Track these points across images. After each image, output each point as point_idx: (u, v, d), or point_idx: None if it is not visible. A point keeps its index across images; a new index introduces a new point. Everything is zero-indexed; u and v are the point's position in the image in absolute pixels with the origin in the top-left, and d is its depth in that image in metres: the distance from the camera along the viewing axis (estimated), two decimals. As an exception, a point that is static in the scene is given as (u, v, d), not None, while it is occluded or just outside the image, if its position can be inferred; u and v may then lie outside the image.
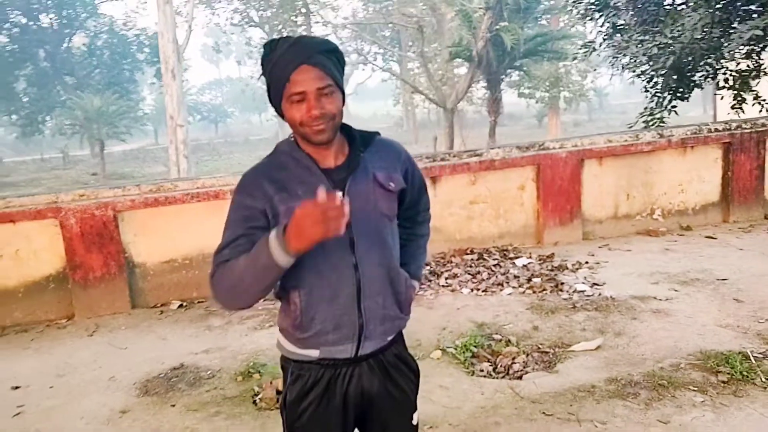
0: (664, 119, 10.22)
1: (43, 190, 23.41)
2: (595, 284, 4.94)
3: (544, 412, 3.12)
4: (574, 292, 4.80)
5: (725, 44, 7.70)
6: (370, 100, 69.81)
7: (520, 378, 3.56)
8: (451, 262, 5.68)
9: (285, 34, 29.64)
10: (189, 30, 22.37)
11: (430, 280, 5.30)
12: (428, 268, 5.56)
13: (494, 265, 5.52)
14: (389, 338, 1.80)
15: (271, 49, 1.65)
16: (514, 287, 5.00)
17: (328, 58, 1.64)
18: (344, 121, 1.74)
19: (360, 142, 1.75)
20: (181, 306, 5.32)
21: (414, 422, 1.87)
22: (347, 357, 1.73)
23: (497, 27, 16.76)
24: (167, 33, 17.35)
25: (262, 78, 1.72)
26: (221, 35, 38.58)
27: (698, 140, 6.38)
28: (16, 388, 4.00)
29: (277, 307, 1.88)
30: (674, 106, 10.17)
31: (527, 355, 3.81)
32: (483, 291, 4.98)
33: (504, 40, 16.81)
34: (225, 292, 1.63)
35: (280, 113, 1.67)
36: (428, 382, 3.57)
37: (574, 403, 3.18)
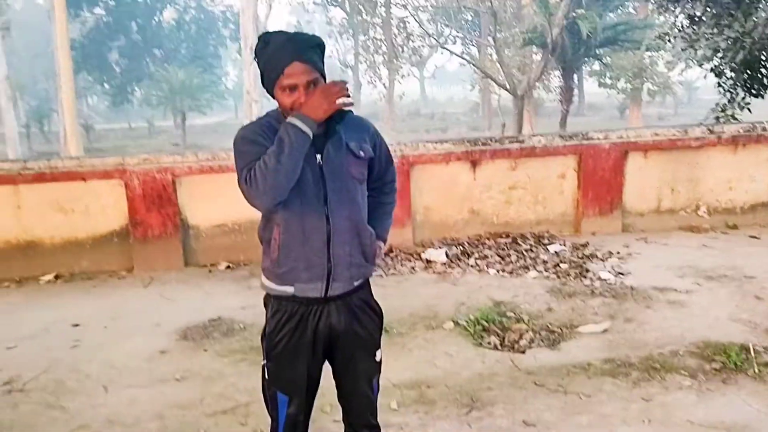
0: (736, 116, 9.91)
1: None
2: (620, 273, 5.02)
3: (535, 383, 3.32)
4: (597, 279, 4.90)
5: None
6: (449, 84, 69.39)
7: (523, 352, 3.75)
8: (485, 244, 5.87)
9: (365, 15, 29.94)
10: (269, 8, 23.05)
11: (460, 260, 5.52)
12: (460, 248, 5.77)
13: (526, 250, 5.67)
14: (356, 283, 2.08)
15: (266, 42, 1.94)
16: (539, 271, 5.15)
17: (315, 52, 1.93)
18: (423, 104, 2.03)
19: (335, 117, 2.00)
20: (228, 267, 5.76)
21: (377, 359, 2.16)
22: (318, 296, 2.02)
23: (574, 14, 16.47)
24: (248, 10, 18.01)
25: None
26: (304, 14, 39.42)
27: (751, 138, 6.26)
28: (76, 325, 4.51)
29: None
30: (747, 103, 9.83)
31: (535, 332, 3.98)
32: (509, 273, 5.16)
33: (580, 27, 16.52)
34: (260, 182, 1.84)
35: (272, 95, 1.97)
36: (435, 349, 3.83)
37: (566, 378, 3.36)
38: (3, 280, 5.53)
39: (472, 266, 5.35)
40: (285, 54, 1.89)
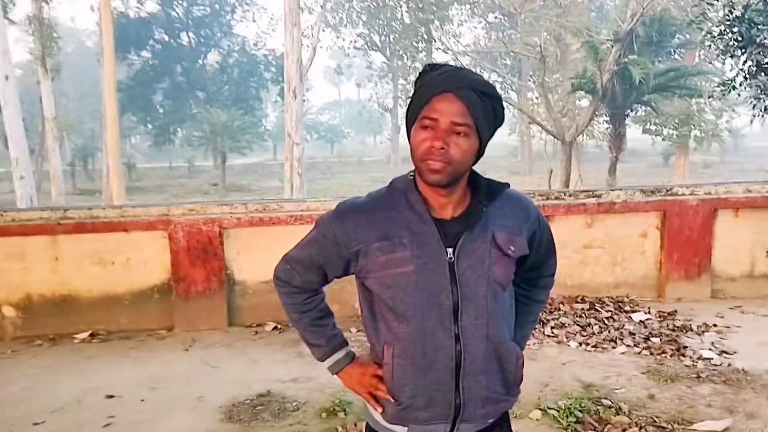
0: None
1: (167, 196, 24.93)
2: (724, 352, 4.38)
3: (657, 503, 2.72)
4: (698, 358, 4.27)
5: None
6: (486, 128, 69.23)
7: (630, 455, 3.15)
8: (560, 309, 5.28)
9: (405, 60, 30.02)
10: (313, 52, 23.12)
11: (534, 328, 4.93)
12: (533, 314, 5.19)
13: (607, 318, 5.07)
14: (490, 421, 1.56)
15: (430, 68, 1.49)
16: (628, 345, 4.54)
17: (481, 100, 1.44)
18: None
19: (485, 192, 1.53)
20: (275, 328, 5.27)
21: None
22: None
23: (625, 60, 15.99)
24: (292, 54, 17.97)
25: (397, 102, 1.57)
26: (344, 58, 39.81)
27: None
28: (110, 397, 4.04)
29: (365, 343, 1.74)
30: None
31: (640, 428, 3.37)
32: (593, 346, 4.55)
33: (632, 73, 16.01)
34: (281, 298, 1.75)
35: (409, 137, 1.50)
36: (525, 446, 3.25)
37: (695, 497, 2.75)
38: (36, 337, 5.13)
39: (549, 336, 4.76)
40: (441, 83, 1.42)
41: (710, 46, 18.18)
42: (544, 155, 39.13)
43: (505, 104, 1.52)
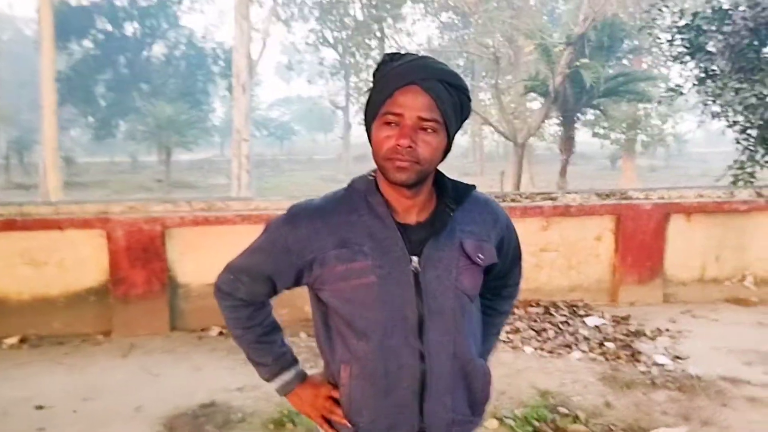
0: (755, 174, 9.48)
1: (108, 192, 24.06)
2: (677, 357, 4.37)
3: None
4: (653, 364, 4.24)
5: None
6: (436, 127, 69.65)
7: (589, 466, 3.06)
8: (514, 314, 5.20)
9: (357, 57, 29.87)
10: (263, 46, 22.71)
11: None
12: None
13: (562, 323, 5.01)
14: None
15: (390, 58, 1.32)
16: (583, 351, 4.48)
17: (449, 93, 1.28)
18: None
19: (451, 195, 1.37)
20: (221, 333, 5.01)
21: None
22: None
23: (577, 63, 16.21)
24: (241, 47, 17.57)
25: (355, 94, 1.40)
26: (295, 53, 39.30)
27: (803, 203, 5.72)
28: (40, 408, 3.74)
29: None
30: (768, 162, 9.41)
31: (599, 438, 3.30)
32: (548, 352, 4.48)
33: (583, 77, 16.24)
34: (222, 311, 1.57)
35: (369, 134, 1.34)
36: (483, 459, 3.12)
37: None
38: (-42, 343, 4.75)
39: (504, 342, 4.66)
40: (405, 74, 1.26)
41: (656, 52, 18.59)
42: (496, 156, 39.61)
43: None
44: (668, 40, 10.40)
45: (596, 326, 4.94)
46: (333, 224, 1.34)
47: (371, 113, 1.31)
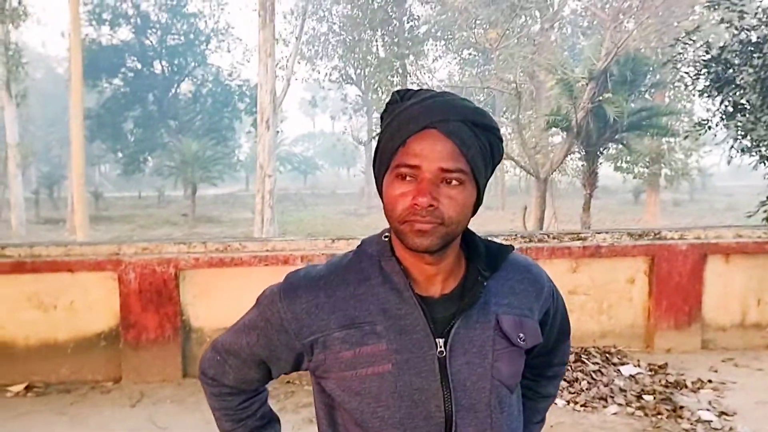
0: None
1: (134, 226, 24.19)
2: (723, 413, 4.03)
3: None
4: (697, 421, 3.91)
5: None
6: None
7: None
8: (543, 361, 4.90)
9: (380, 94, 30.08)
10: (287, 83, 22.89)
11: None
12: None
13: (595, 372, 4.70)
14: None
15: (400, 97, 1.09)
16: (620, 404, 4.17)
17: (475, 135, 1.05)
18: None
19: (483, 259, 1.13)
20: (234, 380, 4.79)
21: None
22: None
23: (600, 98, 16.01)
24: (266, 85, 17.69)
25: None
26: (319, 90, 39.70)
27: None
28: (40, 464, 3.55)
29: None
30: (801, 199, 9.03)
31: (641, 508, 2.99)
32: (582, 405, 4.17)
33: (606, 111, 16.02)
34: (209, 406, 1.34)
35: (380, 189, 1.11)
36: None
37: None
38: (-37, 390, 4.59)
39: (533, 393, 4.36)
40: (420, 116, 1.03)
41: (679, 86, 18.30)
42: (518, 190, 39.24)
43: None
44: (695, 74, 10.16)
45: (632, 376, 4.62)
46: (338, 298, 1.11)
47: (381, 164, 1.09)
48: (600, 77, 16.25)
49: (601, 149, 18.65)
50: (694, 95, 11.92)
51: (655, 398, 4.24)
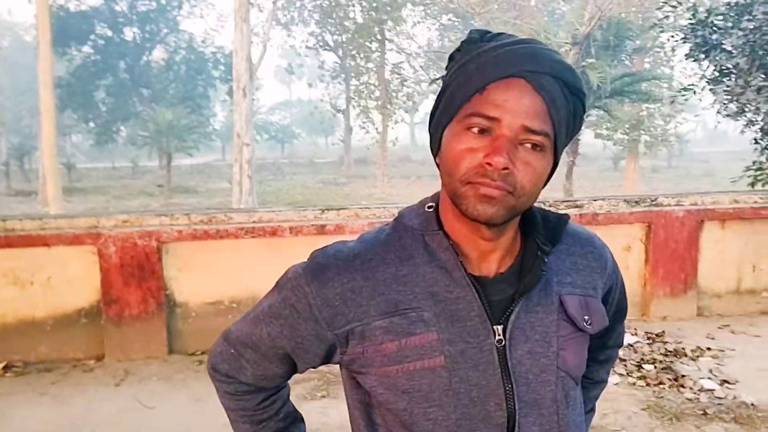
0: (774, 175, 9.09)
1: (108, 197, 23.69)
2: (725, 381, 3.97)
3: None
4: (700, 390, 3.84)
5: None
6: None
7: None
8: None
9: (358, 60, 29.59)
10: (263, 50, 22.36)
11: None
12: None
13: (592, 341, 4.62)
14: None
15: (479, 36, 0.90)
16: (621, 374, 4.09)
17: (565, 97, 0.87)
18: (413, 150, 0.97)
19: (542, 232, 0.97)
20: (223, 356, 4.63)
21: None
22: None
23: (583, 63, 15.86)
24: (242, 51, 17.22)
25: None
26: (295, 57, 38.95)
27: None
28: (21, 448, 3.37)
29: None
30: (790, 162, 9.03)
31: (652, 482, 2.91)
32: (582, 376, 4.08)
33: (590, 77, 15.89)
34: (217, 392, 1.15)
35: (437, 142, 0.93)
36: None
37: None
38: (-64, 371, 4.37)
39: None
40: (505, 61, 0.84)
41: (672, 50, 18.18)
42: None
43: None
44: (682, 38, 10.02)
45: (630, 345, 4.55)
46: (378, 281, 0.93)
47: (445, 113, 0.90)
48: (583, 42, 16.10)
49: (585, 115, 18.61)
50: (673, 61, 11.85)
51: (655, 367, 4.17)
